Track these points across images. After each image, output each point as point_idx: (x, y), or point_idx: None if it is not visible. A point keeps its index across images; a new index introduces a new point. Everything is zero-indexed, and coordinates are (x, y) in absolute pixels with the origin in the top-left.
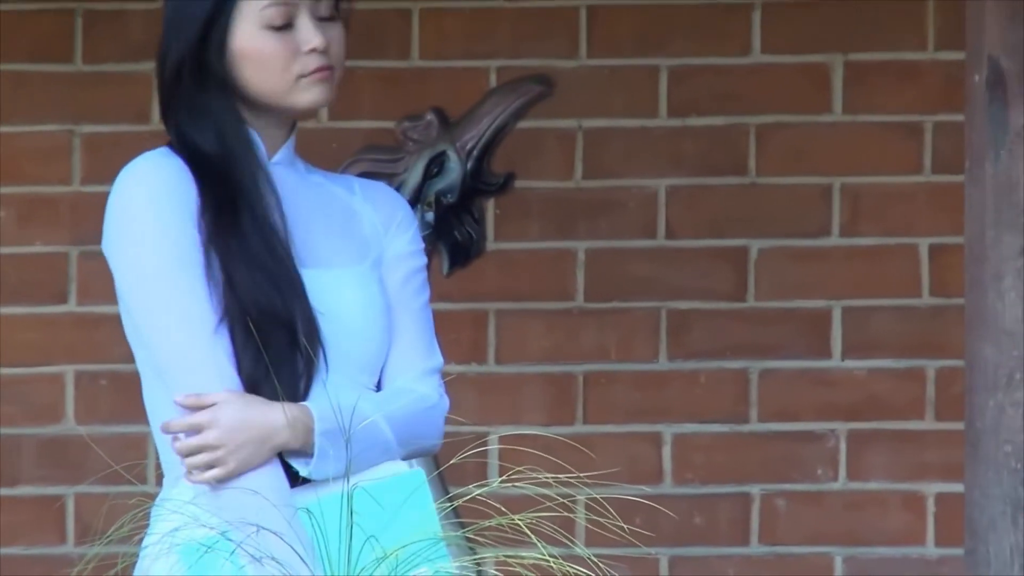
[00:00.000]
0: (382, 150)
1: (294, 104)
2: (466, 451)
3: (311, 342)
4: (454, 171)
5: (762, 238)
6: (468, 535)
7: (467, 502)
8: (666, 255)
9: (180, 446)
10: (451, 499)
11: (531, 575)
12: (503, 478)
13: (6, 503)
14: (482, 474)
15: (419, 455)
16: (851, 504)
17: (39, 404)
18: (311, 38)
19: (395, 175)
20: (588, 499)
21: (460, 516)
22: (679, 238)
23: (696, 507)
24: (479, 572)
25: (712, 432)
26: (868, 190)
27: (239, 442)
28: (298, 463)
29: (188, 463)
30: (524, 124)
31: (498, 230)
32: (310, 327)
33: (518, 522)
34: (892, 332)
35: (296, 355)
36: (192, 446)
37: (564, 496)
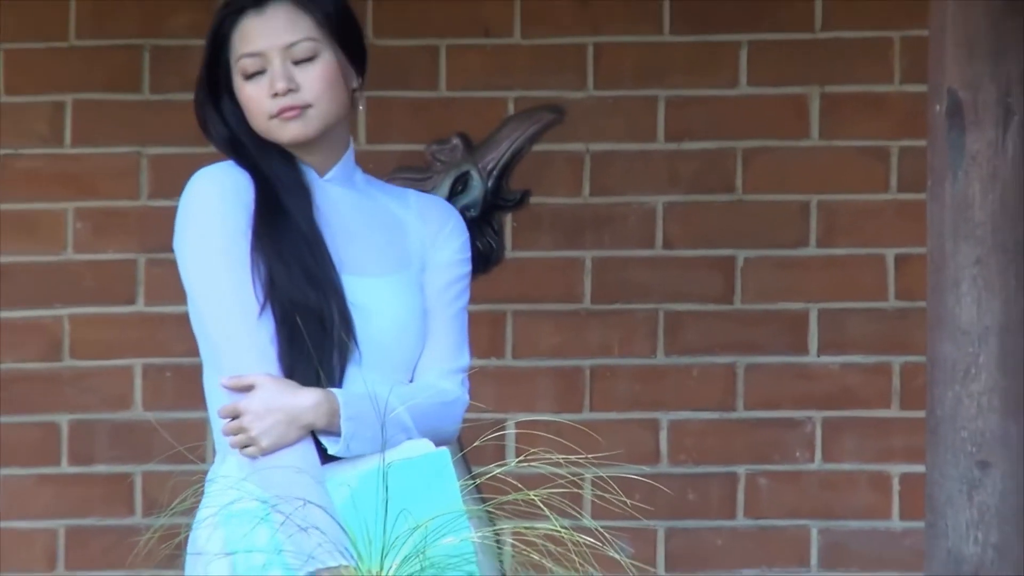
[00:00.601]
0: (413, 170)
1: (278, 139)
2: (486, 435)
3: (343, 333)
4: (476, 189)
5: (747, 248)
6: (488, 509)
7: (487, 480)
8: (663, 263)
9: (223, 428)
10: (473, 477)
11: (544, 544)
12: (519, 459)
13: (82, 480)
14: (500, 455)
15: (438, 442)
16: (826, 483)
17: (111, 393)
18: (273, 83)
19: (424, 192)
20: (594, 477)
21: (481, 492)
22: (674, 248)
23: (689, 485)
24: (498, 542)
25: (703, 419)
26: (841, 206)
27: (270, 423)
28: (328, 441)
29: (229, 442)
30: (538, 147)
31: (515, 241)
32: (343, 320)
33: (532, 497)
34: (862, 331)
35: (329, 344)
36: (231, 428)
37: (573, 475)
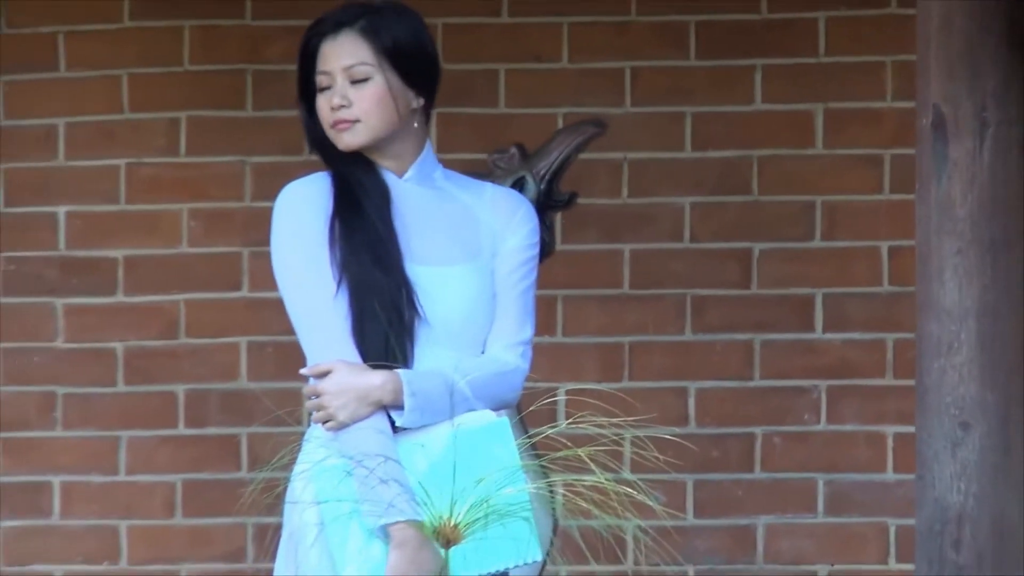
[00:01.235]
0: (477, 175)
1: (337, 145)
2: (540, 401)
3: (408, 313)
4: (531, 191)
5: (762, 242)
6: (542, 464)
7: (542, 439)
8: (690, 254)
9: (307, 406)
10: (529, 437)
11: (590, 494)
12: (568, 421)
13: (196, 440)
14: (552, 418)
15: (499, 408)
16: (830, 441)
17: (220, 365)
18: (331, 98)
19: None
20: (632, 437)
21: (536, 449)
22: (700, 242)
23: (713, 444)
24: (551, 492)
25: (725, 387)
26: (842, 206)
27: (344, 401)
28: (395, 414)
29: (313, 418)
30: (584, 156)
31: (564, 236)
32: (408, 301)
33: (580, 454)
34: (860, 312)
35: (396, 322)
36: (313, 405)
37: (614, 435)
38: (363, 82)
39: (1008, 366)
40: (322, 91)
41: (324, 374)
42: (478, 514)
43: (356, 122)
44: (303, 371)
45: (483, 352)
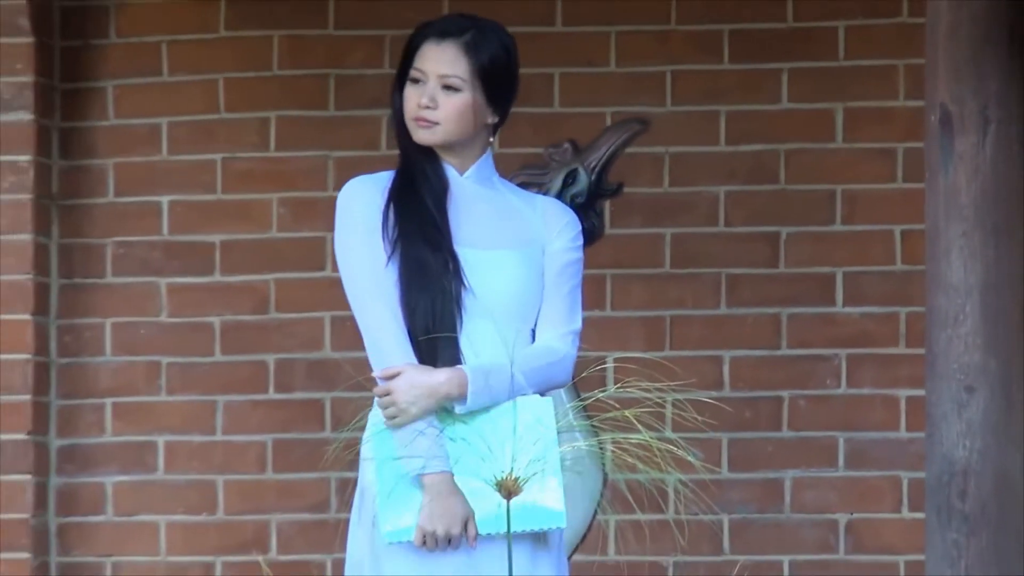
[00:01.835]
0: (534, 167)
1: (413, 137)
2: (591, 368)
3: (453, 285)
4: (583, 182)
5: (789, 226)
6: (593, 423)
7: (592, 402)
8: (724, 237)
9: (379, 403)
10: (582, 400)
11: (635, 450)
12: (616, 386)
13: (284, 404)
14: (602, 383)
15: (552, 390)
16: (849, 404)
17: (307, 337)
18: (422, 96)
19: (543, 184)
20: (673, 400)
21: (587, 411)
22: (733, 226)
23: (745, 406)
24: (601, 448)
25: (756, 355)
26: (860, 194)
27: (414, 397)
28: (459, 406)
29: (384, 415)
30: (630, 150)
31: (612, 221)
32: (456, 275)
33: (627, 415)
34: (876, 288)
35: (441, 292)
36: (385, 403)
37: (657, 398)
38: (452, 91)
39: (1008, 336)
40: (415, 83)
41: (394, 376)
42: (535, 470)
43: (436, 124)
44: (375, 374)
45: (532, 331)
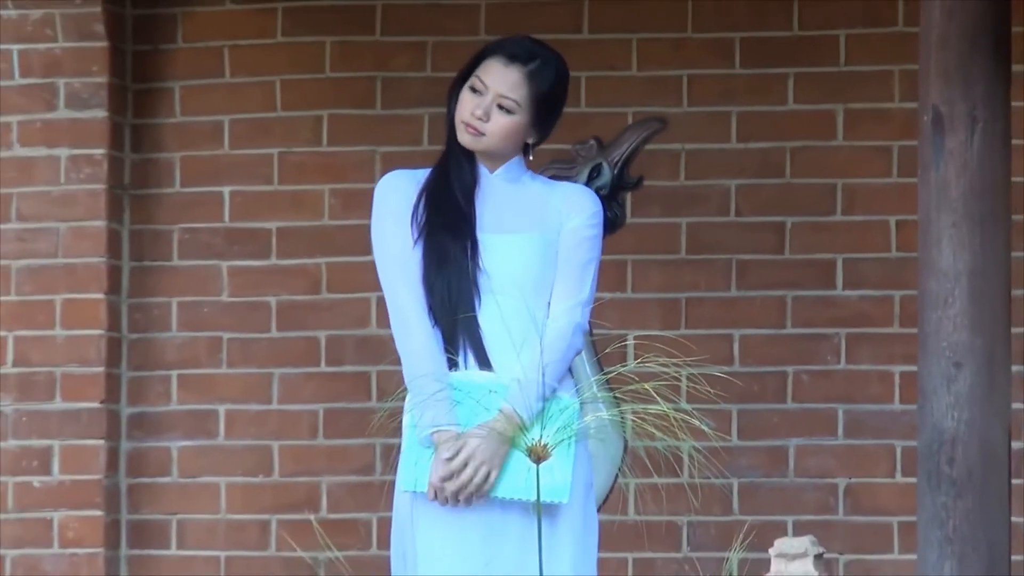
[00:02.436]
0: (563, 162)
1: (458, 138)
2: (613, 345)
3: (471, 267)
4: (606, 175)
5: (794, 216)
6: (615, 395)
7: (614, 375)
8: (735, 227)
9: (455, 485)
10: (605, 374)
11: (654, 420)
12: (637, 361)
13: (335, 376)
14: (623, 358)
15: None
16: (848, 378)
17: (355, 315)
18: (476, 107)
19: (570, 177)
20: (688, 374)
21: (610, 384)
22: (743, 216)
23: (753, 380)
24: (622, 418)
25: (763, 334)
26: (858, 187)
27: (492, 456)
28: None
29: (474, 482)
30: (650, 146)
31: (633, 211)
32: (473, 256)
33: (646, 387)
34: (873, 273)
35: (461, 271)
36: (472, 472)
37: (674, 372)
38: (506, 112)
39: (993, 317)
40: (473, 91)
41: (461, 448)
42: (562, 437)
43: (482, 135)
44: (444, 455)
45: (547, 304)
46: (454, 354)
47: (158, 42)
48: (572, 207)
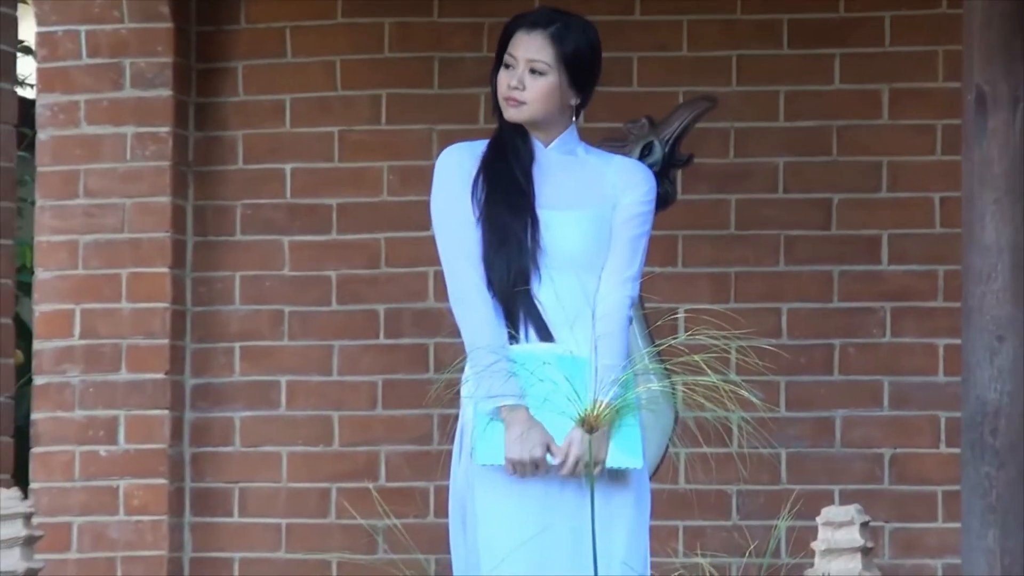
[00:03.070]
0: (615, 140)
1: (504, 115)
2: (664, 318)
3: (531, 243)
4: (657, 153)
5: (840, 193)
6: (666, 367)
7: (666, 348)
8: (784, 203)
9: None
10: (656, 346)
11: (704, 391)
12: (687, 334)
13: (393, 348)
14: (674, 331)
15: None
16: (893, 351)
17: (413, 289)
18: (511, 78)
19: (625, 155)
20: (737, 347)
21: (661, 356)
22: (791, 192)
23: (801, 352)
24: (673, 389)
25: (810, 308)
26: (903, 164)
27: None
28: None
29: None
30: (700, 125)
31: (684, 188)
32: (533, 234)
33: (696, 359)
34: (918, 248)
35: (520, 249)
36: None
37: (723, 344)
38: (539, 75)
39: None
40: (507, 67)
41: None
42: (616, 408)
43: (523, 103)
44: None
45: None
46: (514, 329)
47: (221, 23)
48: (627, 182)
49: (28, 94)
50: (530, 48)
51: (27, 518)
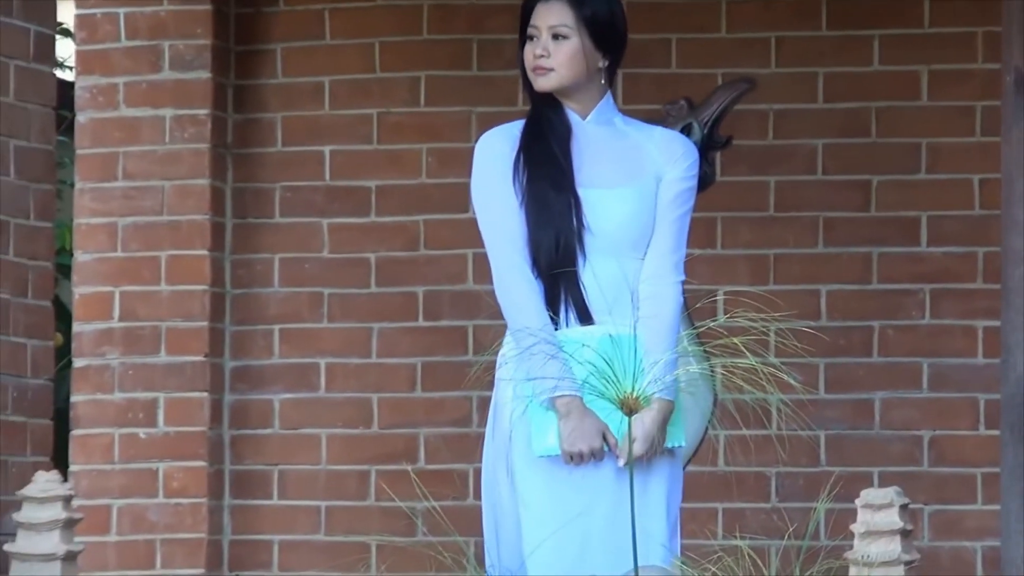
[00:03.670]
0: (654, 122)
1: (534, 86)
2: (703, 300)
3: (576, 224)
4: (696, 135)
5: (879, 174)
6: (705, 349)
7: (705, 330)
8: (823, 185)
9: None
10: (695, 328)
11: (742, 373)
12: (726, 316)
13: (432, 331)
14: (713, 313)
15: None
16: (932, 333)
17: (452, 271)
18: (535, 48)
19: None
20: (776, 329)
21: (700, 338)
22: (829, 174)
23: (840, 334)
24: (712, 371)
25: (849, 289)
26: (943, 146)
27: (656, 433)
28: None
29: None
30: (739, 107)
31: (723, 170)
32: (577, 213)
33: (735, 342)
34: (957, 229)
35: (565, 232)
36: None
37: (762, 327)
38: (562, 39)
39: None
40: (530, 40)
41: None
42: (655, 388)
43: (551, 71)
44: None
45: (641, 258)
46: (555, 313)
47: (260, 5)
48: (669, 157)
49: (67, 76)
50: (550, 15)
51: (67, 500)
